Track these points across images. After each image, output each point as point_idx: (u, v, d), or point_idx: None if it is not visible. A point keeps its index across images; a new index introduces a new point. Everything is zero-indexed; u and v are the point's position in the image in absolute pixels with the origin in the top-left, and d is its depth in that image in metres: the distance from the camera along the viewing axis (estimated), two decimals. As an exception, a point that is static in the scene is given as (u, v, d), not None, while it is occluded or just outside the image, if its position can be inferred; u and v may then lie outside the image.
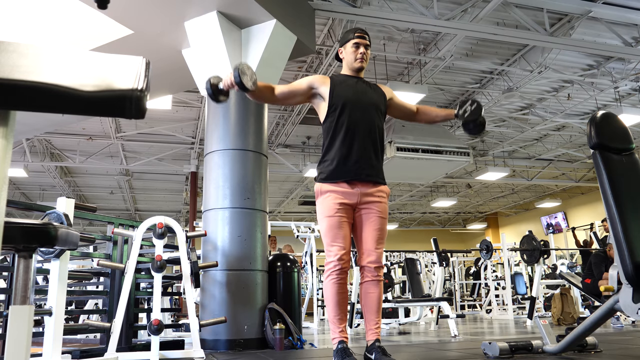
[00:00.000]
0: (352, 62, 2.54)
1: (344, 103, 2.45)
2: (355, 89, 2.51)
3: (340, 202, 2.39)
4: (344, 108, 2.45)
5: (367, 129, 2.45)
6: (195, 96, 7.89)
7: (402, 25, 5.97)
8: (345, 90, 2.49)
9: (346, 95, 2.47)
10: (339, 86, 2.50)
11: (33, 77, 0.62)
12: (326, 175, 2.43)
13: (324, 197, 2.42)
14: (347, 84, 2.52)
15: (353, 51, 2.54)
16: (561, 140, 10.93)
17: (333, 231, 2.40)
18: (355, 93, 2.49)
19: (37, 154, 9.99)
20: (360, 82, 2.57)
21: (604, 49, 6.32)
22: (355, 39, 2.53)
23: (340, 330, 2.38)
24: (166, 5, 4.19)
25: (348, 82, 2.54)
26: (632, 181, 2.21)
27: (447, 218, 19.93)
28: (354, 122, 2.44)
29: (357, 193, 2.42)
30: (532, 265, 7.07)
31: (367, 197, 2.44)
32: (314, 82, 2.51)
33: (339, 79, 2.55)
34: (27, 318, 1.10)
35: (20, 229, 1.07)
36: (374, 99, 2.55)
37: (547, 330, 2.76)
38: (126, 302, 3.04)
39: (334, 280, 2.39)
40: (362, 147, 2.43)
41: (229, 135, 4.23)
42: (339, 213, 2.39)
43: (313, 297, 7.24)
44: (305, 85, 2.51)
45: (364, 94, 2.52)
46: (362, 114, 2.46)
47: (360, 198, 2.43)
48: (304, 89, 2.51)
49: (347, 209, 2.41)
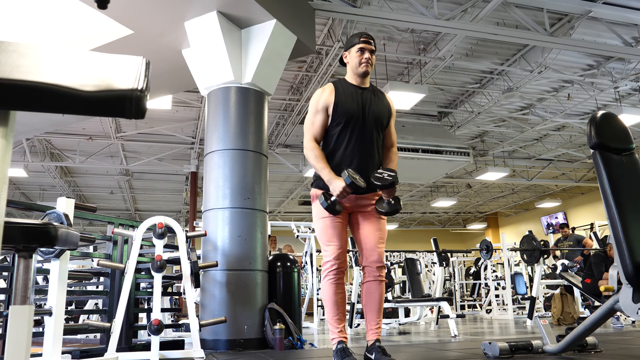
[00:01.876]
0: (357, 67, 2.50)
1: (347, 119, 2.43)
2: (359, 102, 2.47)
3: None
4: (347, 124, 2.43)
5: (367, 145, 2.45)
6: (195, 96, 7.88)
7: (402, 25, 5.97)
8: (350, 105, 2.45)
9: (350, 109, 2.44)
10: (343, 98, 2.46)
11: (33, 77, 0.62)
12: (323, 184, 2.42)
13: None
14: (351, 96, 2.48)
15: (357, 56, 2.50)
16: (561, 140, 10.93)
17: (328, 231, 2.41)
18: (359, 106, 2.46)
19: (37, 154, 9.99)
20: (365, 93, 2.52)
21: (604, 49, 6.32)
22: (360, 43, 2.50)
23: (339, 331, 2.38)
24: (166, 5, 4.19)
25: (353, 93, 2.49)
26: (632, 181, 2.21)
27: (447, 218, 19.93)
28: (355, 139, 2.43)
29: (353, 197, 2.42)
30: (532, 265, 7.07)
31: (363, 200, 2.46)
32: (325, 103, 2.46)
33: (343, 89, 2.50)
34: (27, 318, 1.10)
35: (20, 229, 1.07)
36: (378, 112, 2.51)
37: (547, 330, 2.76)
38: (126, 302, 3.04)
39: (331, 281, 2.39)
40: (362, 163, 2.42)
41: (229, 135, 4.23)
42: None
43: (313, 297, 7.24)
44: (323, 113, 2.47)
45: (368, 106, 2.48)
46: (364, 129, 2.45)
47: (356, 201, 2.44)
48: (324, 117, 2.47)
49: (342, 212, 2.42)
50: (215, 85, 4.37)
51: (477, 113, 8.96)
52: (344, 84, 2.54)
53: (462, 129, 9.76)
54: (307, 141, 2.46)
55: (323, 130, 2.48)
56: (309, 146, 2.45)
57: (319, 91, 2.52)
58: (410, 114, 8.98)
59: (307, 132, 2.49)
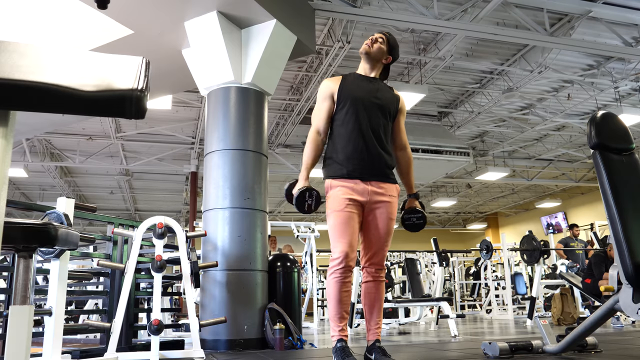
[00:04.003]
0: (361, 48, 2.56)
1: (352, 101, 2.44)
2: (366, 89, 2.49)
3: (350, 197, 2.35)
4: (352, 105, 2.44)
5: (374, 128, 2.43)
6: (195, 96, 7.89)
7: (402, 25, 5.97)
8: (355, 89, 2.48)
9: (355, 92, 2.46)
10: (349, 84, 2.50)
11: (33, 77, 0.62)
12: (336, 172, 2.41)
13: (334, 191, 2.38)
14: (358, 83, 2.52)
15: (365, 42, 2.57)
16: (561, 140, 10.93)
17: (341, 227, 2.34)
18: (365, 92, 2.48)
19: (37, 154, 9.99)
20: (374, 82, 2.55)
21: (604, 49, 6.32)
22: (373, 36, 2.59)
23: (340, 329, 2.36)
24: (166, 5, 4.19)
25: (360, 81, 2.53)
26: (632, 181, 2.21)
27: (447, 218, 19.93)
28: (363, 120, 2.42)
29: (367, 190, 2.38)
30: (532, 265, 7.07)
31: (377, 196, 2.40)
32: (331, 90, 2.50)
33: (350, 78, 2.54)
34: (27, 318, 1.10)
35: (20, 229, 1.07)
36: (385, 99, 2.51)
37: (547, 330, 2.76)
38: (126, 302, 3.03)
39: (337, 279, 2.35)
40: (372, 145, 2.41)
41: (229, 135, 4.23)
42: (349, 208, 2.34)
43: (313, 297, 7.24)
44: (330, 100, 2.50)
45: (374, 92, 2.50)
46: (370, 112, 2.44)
47: (371, 197, 2.39)
48: (330, 103, 2.50)
49: (357, 205, 2.37)
50: (215, 85, 4.37)
51: (477, 113, 8.96)
52: (352, 75, 2.58)
53: (462, 129, 9.76)
54: (310, 132, 2.51)
55: (328, 119, 2.49)
56: (309, 138, 2.49)
57: (326, 80, 2.57)
58: (410, 114, 8.98)
59: (312, 123, 2.54)
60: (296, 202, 2.35)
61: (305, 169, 2.44)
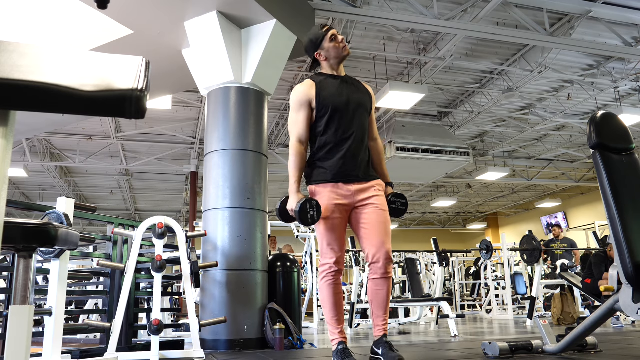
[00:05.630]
0: (340, 52, 2.49)
1: (332, 108, 2.41)
2: (341, 91, 2.46)
3: (336, 202, 2.36)
4: (333, 113, 2.41)
5: (357, 130, 2.43)
6: (195, 96, 7.89)
7: (402, 25, 5.97)
8: (332, 94, 2.44)
9: (333, 99, 2.42)
10: (326, 90, 2.45)
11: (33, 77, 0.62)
12: (319, 177, 2.41)
13: (319, 198, 2.38)
14: (331, 86, 2.46)
15: (334, 45, 2.49)
16: (561, 140, 10.93)
17: (329, 234, 2.37)
18: (341, 95, 2.45)
19: (37, 154, 9.99)
20: (344, 81, 2.52)
21: (604, 49, 6.32)
22: (327, 33, 2.49)
23: (339, 331, 2.37)
24: (166, 5, 4.19)
25: (332, 83, 2.48)
26: (632, 181, 2.21)
27: (447, 218, 19.93)
28: (344, 127, 2.41)
29: (352, 192, 2.39)
30: (532, 265, 7.07)
31: (362, 193, 2.41)
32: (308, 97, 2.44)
33: (322, 82, 2.47)
34: (27, 318, 1.10)
35: (20, 229, 1.07)
36: (360, 99, 2.51)
37: (547, 330, 2.76)
38: (126, 302, 3.03)
39: (329, 282, 2.37)
40: (357, 149, 2.41)
41: (229, 135, 4.23)
42: (335, 214, 2.36)
43: (313, 297, 7.24)
44: (307, 107, 2.45)
45: (352, 94, 2.48)
46: (352, 116, 2.44)
47: (356, 197, 2.40)
48: (308, 111, 2.45)
49: (342, 210, 2.38)
50: (215, 85, 4.37)
51: (477, 113, 8.96)
52: (321, 77, 2.52)
53: (462, 129, 9.76)
54: (291, 143, 2.46)
55: (308, 127, 2.46)
56: (292, 150, 2.44)
57: (298, 87, 2.49)
58: (410, 114, 8.98)
59: (291, 134, 2.47)
60: (299, 216, 2.29)
61: (295, 182, 2.39)
